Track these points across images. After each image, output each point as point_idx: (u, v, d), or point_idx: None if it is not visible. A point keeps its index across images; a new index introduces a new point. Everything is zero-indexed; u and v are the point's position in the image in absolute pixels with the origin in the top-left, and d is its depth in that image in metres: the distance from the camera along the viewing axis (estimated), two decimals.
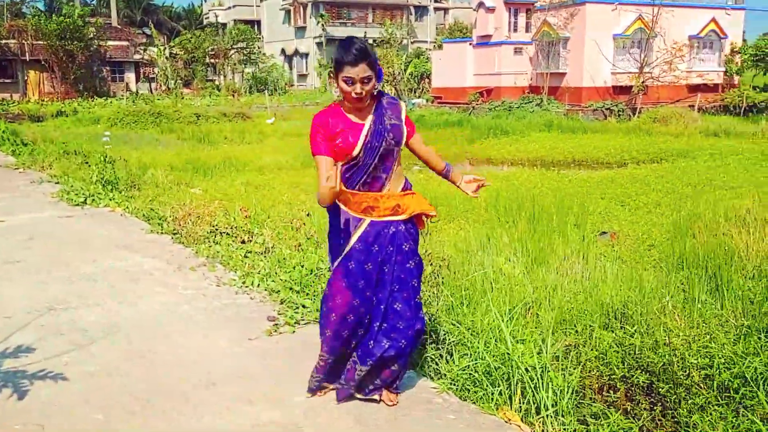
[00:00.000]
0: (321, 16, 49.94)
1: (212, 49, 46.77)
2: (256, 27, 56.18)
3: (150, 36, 45.60)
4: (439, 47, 40.62)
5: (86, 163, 10.78)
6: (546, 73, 30.33)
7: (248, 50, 47.73)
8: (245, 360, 3.73)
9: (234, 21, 56.34)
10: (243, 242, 6.24)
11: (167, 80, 42.23)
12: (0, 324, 4.27)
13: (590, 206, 8.58)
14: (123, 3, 54.89)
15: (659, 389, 3.33)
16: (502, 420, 3.04)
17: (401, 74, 37.36)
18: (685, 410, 3.15)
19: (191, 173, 11.92)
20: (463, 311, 3.89)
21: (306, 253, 5.56)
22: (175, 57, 44.26)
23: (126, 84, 42.37)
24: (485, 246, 5.68)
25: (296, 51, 53.24)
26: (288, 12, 54.10)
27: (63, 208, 8.13)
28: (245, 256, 5.75)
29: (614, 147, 17.58)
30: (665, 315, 4.00)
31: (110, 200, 8.50)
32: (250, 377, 3.50)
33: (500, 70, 32.32)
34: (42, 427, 3.02)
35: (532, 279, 4.67)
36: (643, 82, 27.91)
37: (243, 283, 5.06)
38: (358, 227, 3.02)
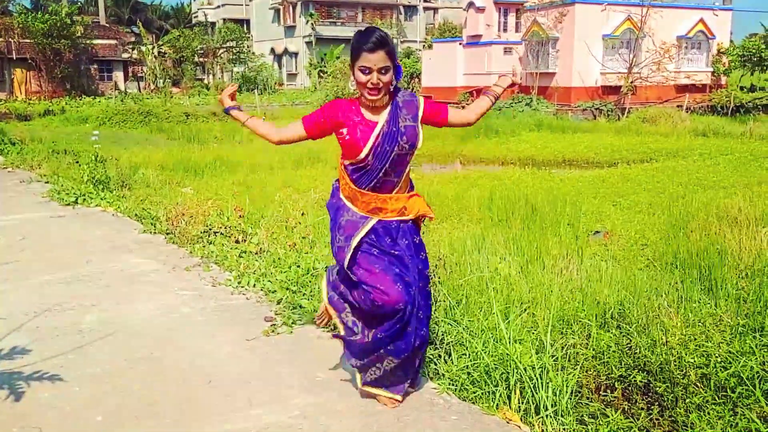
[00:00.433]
0: (310, 16, 49.88)
1: (201, 48, 46.55)
2: (246, 26, 56.04)
3: (138, 35, 45.21)
4: (429, 47, 40.69)
5: (76, 163, 10.70)
6: (536, 73, 30.43)
7: (237, 49, 47.56)
8: (244, 361, 3.72)
9: (223, 20, 56.16)
10: (237, 242, 6.21)
11: (156, 79, 41.96)
12: None
13: (583, 206, 8.62)
14: (111, 1, 54.45)
15: (657, 389, 3.34)
16: (503, 420, 3.04)
17: None
18: (683, 409, 3.17)
19: (182, 173, 11.89)
20: (461, 311, 3.90)
21: (301, 253, 5.55)
22: (164, 56, 43.98)
23: (114, 83, 42.06)
24: (480, 245, 5.70)
25: (286, 50, 53.11)
26: (277, 11, 53.99)
27: (54, 208, 8.07)
28: (240, 256, 5.72)
29: (604, 147, 17.70)
30: (661, 314, 4.02)
31: (101, 200, 8.44)
32: (250, 378, 3.49)
33: (490, 70, 32.38)
34: (40, 430, 3.00)
35: (528, 278, 4.69)
36: (632, 83, 28.06)
37: (239, 284, 5.04)
38: (365, 224, 2.99)
